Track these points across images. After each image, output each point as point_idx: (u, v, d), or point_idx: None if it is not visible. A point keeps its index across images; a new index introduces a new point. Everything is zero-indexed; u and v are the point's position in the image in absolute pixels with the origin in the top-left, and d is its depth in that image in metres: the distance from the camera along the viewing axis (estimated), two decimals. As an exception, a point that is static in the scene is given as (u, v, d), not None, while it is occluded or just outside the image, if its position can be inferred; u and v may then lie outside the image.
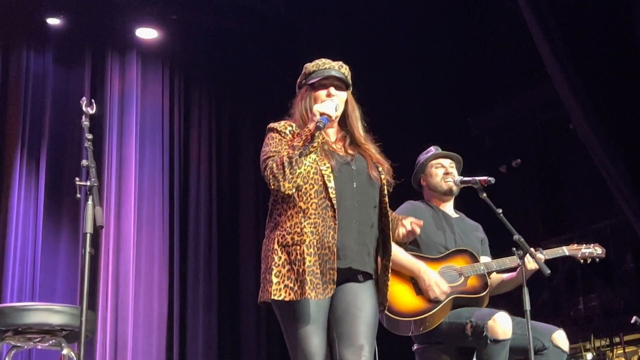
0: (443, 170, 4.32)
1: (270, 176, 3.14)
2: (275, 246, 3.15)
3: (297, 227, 3.14)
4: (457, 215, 4.38)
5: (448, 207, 4.35)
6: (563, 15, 5.63)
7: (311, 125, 3.16)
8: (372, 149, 3.38)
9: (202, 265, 7.70)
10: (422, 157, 4.41)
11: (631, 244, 6.75)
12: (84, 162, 3.17)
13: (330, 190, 3.16)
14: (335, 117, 3.29)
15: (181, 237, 7.69)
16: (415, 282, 3.96)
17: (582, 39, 5.64)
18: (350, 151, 3.34)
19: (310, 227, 3.13)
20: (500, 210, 3.79)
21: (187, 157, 8.00)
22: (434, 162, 4.36)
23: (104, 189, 7.24)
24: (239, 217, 8.14)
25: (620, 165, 5.63)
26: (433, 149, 4.41)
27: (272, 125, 3.34)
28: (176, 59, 8.08)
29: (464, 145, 5.24)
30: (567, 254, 4.27)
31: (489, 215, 3.90)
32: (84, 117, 3.28)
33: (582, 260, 4.32)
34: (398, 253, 3.86)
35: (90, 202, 3.06)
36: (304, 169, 3.16)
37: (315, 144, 3.16)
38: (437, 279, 3.93)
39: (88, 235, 3.04)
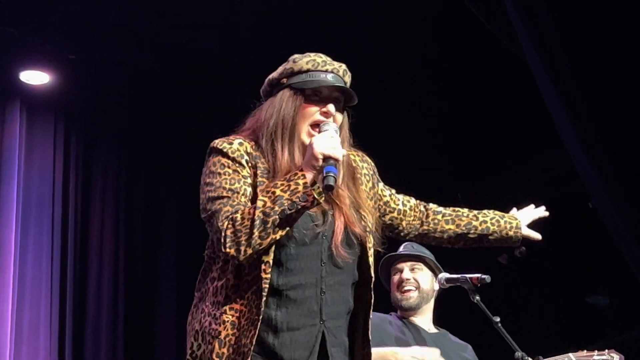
0: (399, 278, 4.38)
1: (227, 235, 2.83)
2: (197, 327, 2.96)
3: (217, 308, 2.92)
4: (437, 331, 4.40)
5: (423, 321, 4.38)
6: (579, 66, 5.73)
7: (309, 176, 2.83)
8: (359, 189, 3.07)
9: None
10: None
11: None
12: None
13: (263, 265, 2.85)
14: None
15: (75, 352, 7.56)
16: None
17: (604, 95, 5.74)
18: (316, 208, 2.96)
19: (233, 316, 2.89)
20: (498, 319, 3.79)
21: (85, 241, 7.94)
22: (392, 268, 4.42)
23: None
24: (155, 322, 8.05)
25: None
26: (403, 244, 4.44)
27: (217, 145, 3.06)
28: (74, 110, 8.08)
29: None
30: (573, 362, 4.30)
31: (486, 322, 3.90)
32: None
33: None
34: None
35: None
36: None
37: (310, 205, 2.80)
38: (416, 351, 3.95)
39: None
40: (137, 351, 7.95)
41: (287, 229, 2.84)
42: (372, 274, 3.07)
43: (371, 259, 3.07)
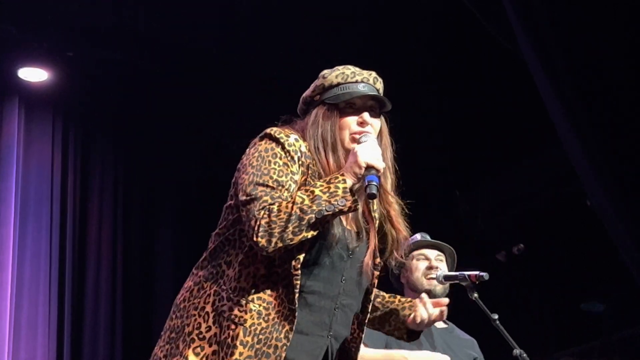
0: (426, 264, 4.37)
1: (262, 224, 2.78)
2: (208, 308, 2.90)
3: (243, 296, 2.86)
4: (445, 326, 4.40)
5: None
6: (578, 67, 5.74)
7: (349, 181, 2.81)
8: (395, 218, 3.08)
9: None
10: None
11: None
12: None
13: (294, 262, 2.84)
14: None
15: (73, 350, 7.58)
16: None
17: (603, 95, 5.74)
18: (353, 223, 3.01)
19: (260, 306, 2.85)
20: (496, 316, 3.80)
21: (83, 238, 7.95)
22: (416, 252, 4.40)
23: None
24: (153, 321, 8.06)
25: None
26: (418, 236, 4.45)
27: (274, 133, 2.97)
28: (72, 108, 8.09)
29: (450, 227, 5.31)
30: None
31: (485, 321, 3.92)
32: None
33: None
34: (367, 353, 3.88)
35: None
36: None
37: (347, 210, 2.79)
38: (428, 355, 3.96)
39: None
40: (136, 348, 7.94)
41: (319, 230, 2.82)
42: (368, 312, 3.13)
43: (372, 296, 3.12)
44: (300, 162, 2.94)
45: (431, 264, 4.38)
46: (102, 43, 7.76)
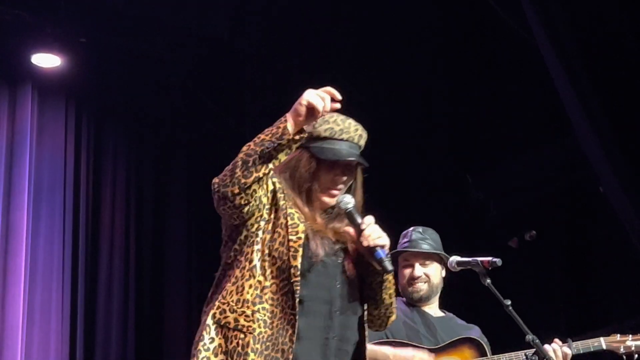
0: (409, 273, 4.41)
1: (215, 182, 3.10)
2: (209, 321, 3.09)
3: (248, 307, 3.05)
4: (443, 315, 4.44)
5: (430, 307, 4.43)
6: (591, 53, 5.73)
7: (290, 120, 3.04)
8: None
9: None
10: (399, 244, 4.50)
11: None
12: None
13: (292, 269, 3.07)
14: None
15: (86, 334, 7.63)
16: None
17: (615, 82, 5.73)
18: (334, 237, 3.26)
19: (265, 315, 3.05)
20: (509, 302, 3.80)
21: (96, 224, 7.97)
22: (401, 258, 4.45)
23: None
24: (165, 306, 8.09)
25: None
26: (411, 233, 4.48)
27: None
28: (84, 93, 8.10)
29: (462, 212, 5.29)
30: (604, 347, 4.28)
31: (497, 306, 3.91)
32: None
33: (625, 358, 4.32)
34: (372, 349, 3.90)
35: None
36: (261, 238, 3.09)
37: (285, 142, 3.05)
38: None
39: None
40: (148, 333, 7.97)
41: (270, 165, 3.04)
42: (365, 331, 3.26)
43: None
44: (274, 179, 3.20)
45: (414, 275, 4.42)
46: (114, 29, 7.78)
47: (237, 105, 8.36)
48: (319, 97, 3.07)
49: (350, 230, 3.21)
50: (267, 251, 3.10)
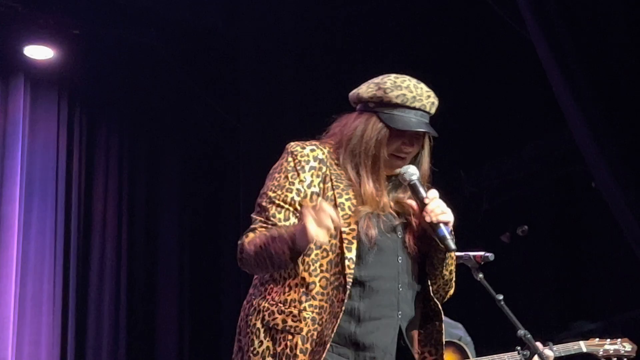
0: None
1: (238, 249, 3.09)
2: (258, 324, 3.04)
3: (294, 306, 3.01)
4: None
5: None
6: (585, 46, 5.72)
7: (293, 248, 2.96)
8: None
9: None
10: None
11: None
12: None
13: (347, 261, 3.01)
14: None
15: (77, 327, 7.62)
16: None
17: (610, 76, 5.72)
18: (395, 207, 3.18)
19: (313, 312, 3.00)
20: (501, 297, 3.78)
21: (88, 217, 7.96)
22: None
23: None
24: (157, 301, 8.08)
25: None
26: None
27: (290, 147, 3.20)
28: (77, 86, 8.08)
29: (455, 207, 5.27)
30: (584, 350, 4.30)
31: (488, 300, 3.90)
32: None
33: (604, 360, 4.34)
34: None
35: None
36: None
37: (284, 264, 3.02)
38: None
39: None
40: (140, 324, 7.97)
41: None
42: (429, 284, 3.22)
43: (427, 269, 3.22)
44: (313, 171, 3.11)
45: None
46: (108, 21, 7.76)
47: (232, 97, 8.34)
48: (322, 229, 2.92)
49: (413, 203, 3.14)
50: (313, 245, 3.00)
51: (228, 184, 8.23)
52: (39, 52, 7.68)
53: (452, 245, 3.07)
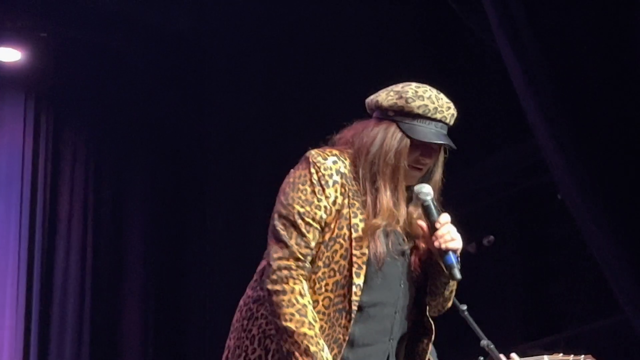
0: None
1: (271, 279, 2.93)
2: (254, 331, 2.98)
3: None
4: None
5: None
6: (553, 57, 5.74)
7: None
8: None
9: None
10: None
11: (638, 352, 6.82)
12: None
13: (355, 287, 2.95)
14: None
15: (40, 331, 7.59)
16: None
17: (577, 88, 5.74)
18: (405, 225, 3.13)
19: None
20: (464, 307, 3.79)
21: (53, 220, 7.93)
22: None
23: None
24: (121, 304, 8.04)
25: (621, 251, 5.67)
26: None
27: (311, 157, 3.06)
28: (44, 89, 8.06)
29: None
30: (547, 364, 4.30)
31: (452, 310, 3.90)
32: None
33: (566, 376, 4.34)
34: None
35: None
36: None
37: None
38: None
39: None
40: (105, 328, 7.93)
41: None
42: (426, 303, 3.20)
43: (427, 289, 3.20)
44: (336, 186, 3.02)
45: None
46: (76, 24, 7.74)
47: (200, 102, 8.33)
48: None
49: (424, 224, 3.11)
50: (321, 263, 2.97)
51: (195, 187, 8.21)
52: (7, 55, 7.68)
53: (458, 275, 3.04)
